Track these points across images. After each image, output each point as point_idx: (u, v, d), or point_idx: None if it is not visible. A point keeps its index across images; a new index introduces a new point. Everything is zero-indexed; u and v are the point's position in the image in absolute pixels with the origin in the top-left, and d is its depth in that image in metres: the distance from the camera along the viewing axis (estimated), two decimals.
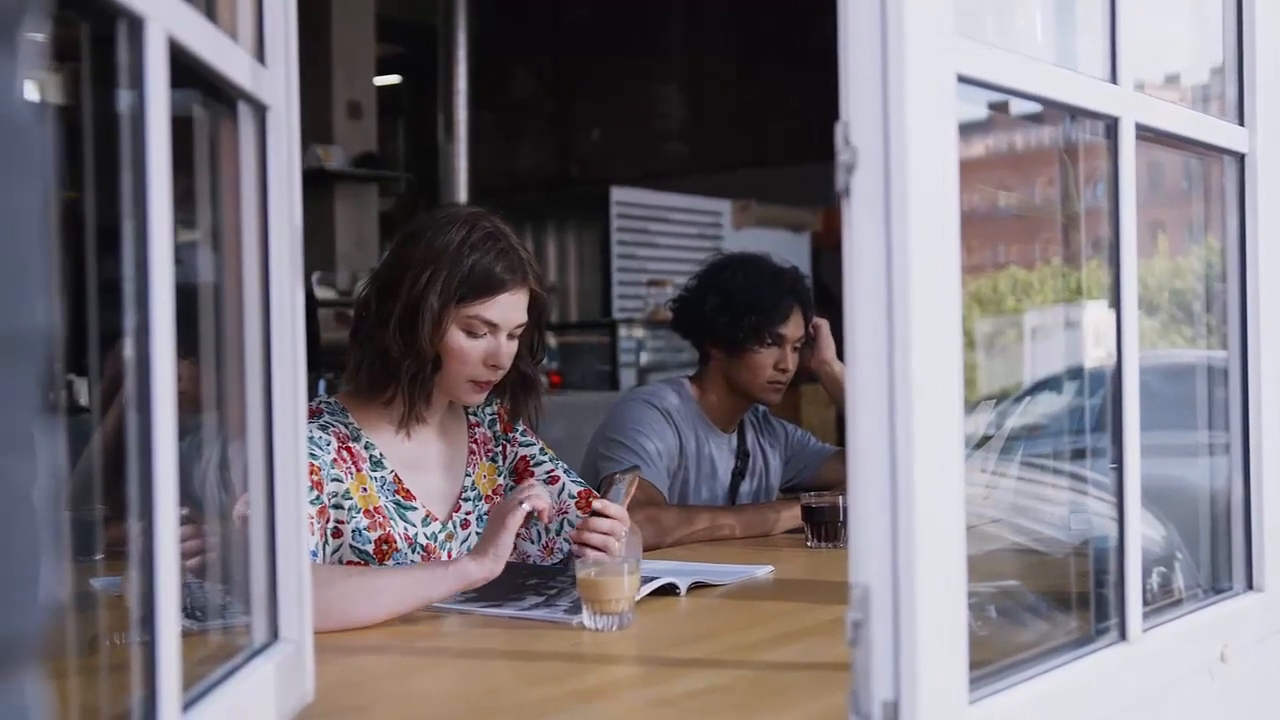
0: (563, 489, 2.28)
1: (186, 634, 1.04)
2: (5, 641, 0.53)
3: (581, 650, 1.72)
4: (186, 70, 1.07)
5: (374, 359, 2.11)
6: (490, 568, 1.88)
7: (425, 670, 1.66)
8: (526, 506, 1.91)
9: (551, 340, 7.45)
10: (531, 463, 2.31)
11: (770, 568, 2.28)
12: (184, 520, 1.40)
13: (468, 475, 2.26)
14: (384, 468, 2.15)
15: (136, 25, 0.95)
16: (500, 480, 2.29)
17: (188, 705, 1.05)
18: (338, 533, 2.06)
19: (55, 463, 0.59)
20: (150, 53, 0.96)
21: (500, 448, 2.32)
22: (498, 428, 2.32)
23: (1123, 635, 1.45)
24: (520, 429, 2.34)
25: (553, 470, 2.30)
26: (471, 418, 2.31)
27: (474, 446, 2.29)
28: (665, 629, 1.87)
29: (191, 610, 1.25)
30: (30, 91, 0.56)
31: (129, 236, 0.97)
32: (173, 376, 0.98)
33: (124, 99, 0.97)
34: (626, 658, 1.70)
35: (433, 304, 2.06)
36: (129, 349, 0.96)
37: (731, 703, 1.46)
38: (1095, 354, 1.82)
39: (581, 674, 1.63)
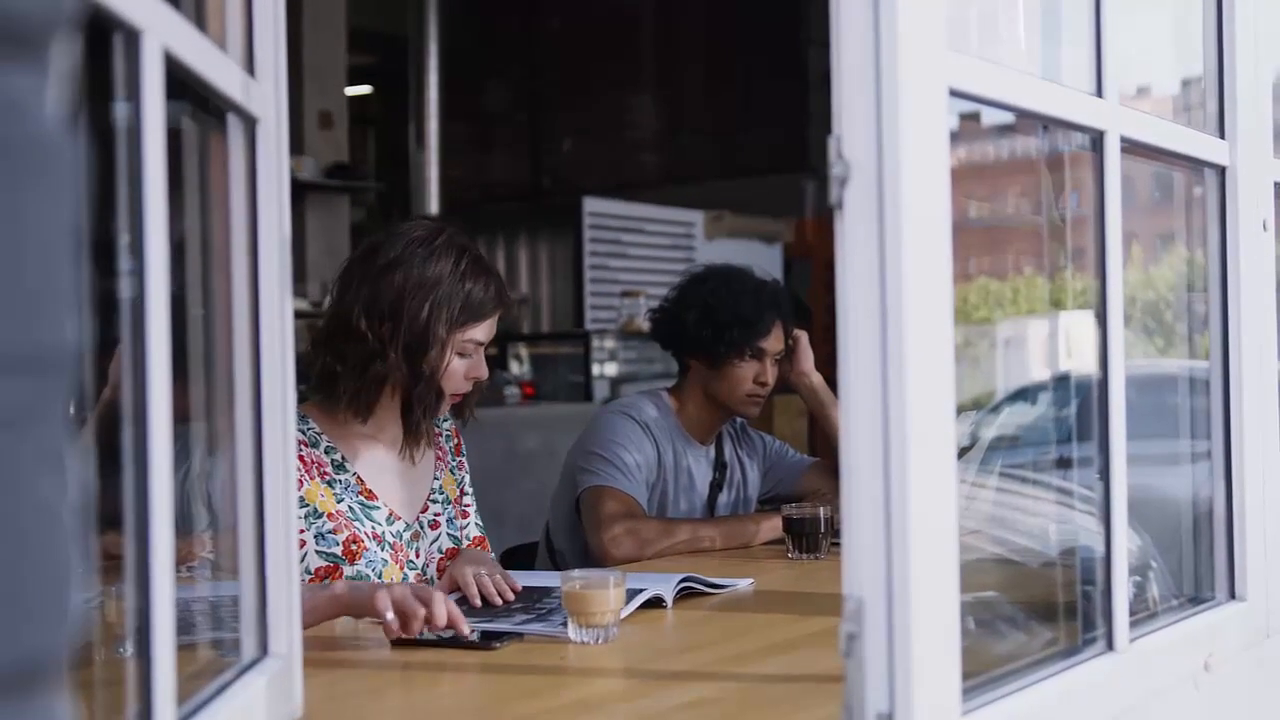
0: (466, 527, 2.38)
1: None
2: (37, 658, 0.53)
3: (568, 664, 1.71)
4: (177, 82, 1.06)
5: (371, 385, 2.16)
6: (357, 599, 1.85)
7: (413, 685, 1.65)
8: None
9: (524, 351, 7.43)
10: (463, 489, 2.41)
11: (751, 581, 2.28)
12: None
13: (435, 479, 2.34)
14: (347, 471, 2.20)
15: (133, 38, 0.95)
16: (457, 491, 2.39)
17: None
18: (299, 544, 2.07)
19: (83, 479, 0.59)
20: (146, 65, 0.96)
21: (456, 462, 2.41)
22: (451, 445, 2.41)
23: (1110, 645, 1.46)
24: (463, 455, 2.44)
25: (469, 506, 2.41)
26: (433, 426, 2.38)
27: (439, 453, 2.37)
28: (651, 642, 1.87)
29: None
30: (59, 108, 0.56)
31: (124, 248, 0.96)
32: (168, 390, 0.98)
33: (119, 110, 0.97)
34: (614, 671, 1.70)
35: (440, 334, 2.15)
36: (125, 361, 0.95)
37: (723, 714, 1.46)
38: (1071, 364, 1.83)
39: (570, 688, 1.62)
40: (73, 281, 0.55)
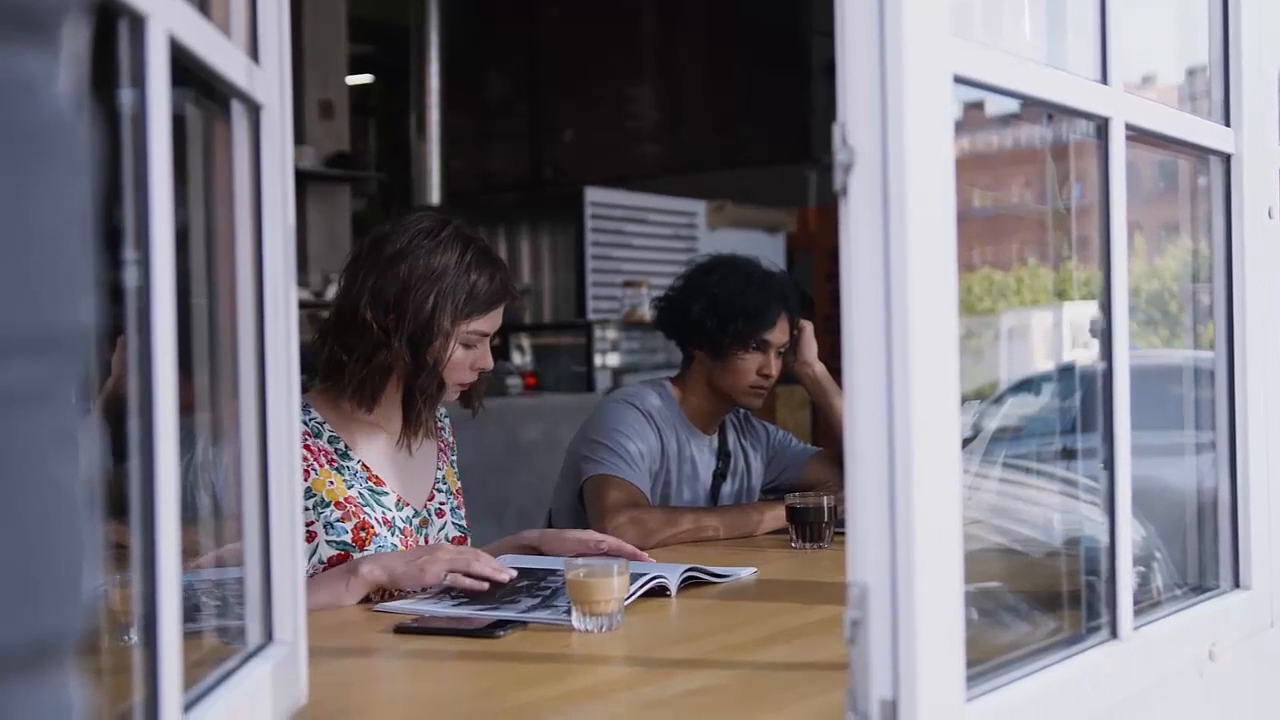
0: (446, 523, 2.37)
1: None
2: (51, 639, 0.53)
3: (571, 652, 1.72)
4: (181, 68, 1.06)
5: (376, 374, 2.18)
6: (376, 576, 1.99)
7: (417, 673, 1.65)
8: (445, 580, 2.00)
9: (526, 342, 7.44)
10: (458, 485, 2.43)
11: (754, 570, 2.28)
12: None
13: (438, 469, 2.36)
14: (351, 459, 2.20)
15: (138, 23, 0.95)
16: (458, 483, 2.41)
17: (187, 707, 1.04)
18: (310, 536, 2.08)
19: (96, 460, 0.59)
20: (152, 51, 0.95)
21: (455, 458, 2.43)
22: (451, 441, 2.43)
23: (1114, 633, 1.46)
24: (454, 454, 2.46)
25: (459, 504, 2.41)
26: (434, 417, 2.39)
27: (441, 445, 2.39)
28: (654, 630, 1.87)
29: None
30: (71, 87, 0.56)
31: (129, 236, 0.96)
32: (174, 379, 0.97)
33: (124, 97, 0.96)
34: (617, 659, 1.70)
35: (445, 325, 2.16)
36: (131, 351, 0.95)
37: (728, 702, 1.46)
38: (1075, 354, 1.83)
39: (574, 675, 1.62)
40: (86, 263, 0.55)
